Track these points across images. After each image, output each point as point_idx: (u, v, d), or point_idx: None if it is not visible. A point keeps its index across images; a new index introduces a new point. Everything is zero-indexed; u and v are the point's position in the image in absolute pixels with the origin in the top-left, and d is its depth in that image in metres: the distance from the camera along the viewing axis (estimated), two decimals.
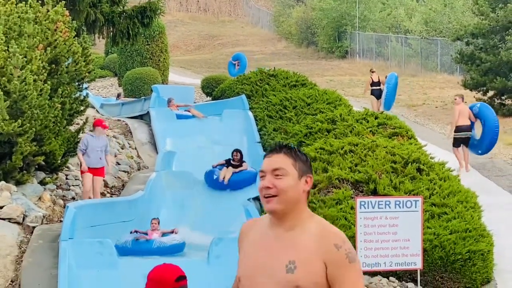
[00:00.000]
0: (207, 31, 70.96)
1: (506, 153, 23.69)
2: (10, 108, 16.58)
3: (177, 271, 5.35)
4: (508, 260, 15.34)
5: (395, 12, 57.33)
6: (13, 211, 15.61)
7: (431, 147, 20.27)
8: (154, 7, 24.82)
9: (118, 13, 24.43)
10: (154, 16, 25.57)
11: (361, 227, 13.13)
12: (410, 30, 54.17)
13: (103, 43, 46.10)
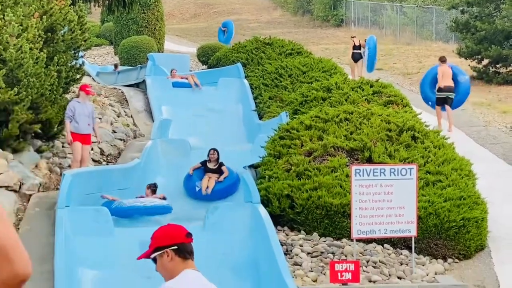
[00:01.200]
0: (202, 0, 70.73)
1: (501, 121, 23.70)
2: (6, 76, 16.54)
3: (185, 229, 5.29)
4: (502, 227, 15.38)
5: None
6: (9, 178, 15.61)
7: (426, 115, 20.27)
8: None
9: None
10: None
11: (356, 194, 13.14)
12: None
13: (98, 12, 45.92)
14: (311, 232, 14.43)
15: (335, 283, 12.12)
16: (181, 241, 5.19)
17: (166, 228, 5.28)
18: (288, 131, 16.14)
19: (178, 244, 5.18)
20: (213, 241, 13.53)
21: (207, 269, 12.88)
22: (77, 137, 16.79)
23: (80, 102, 17.00)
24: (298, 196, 14.56)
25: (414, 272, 13.25)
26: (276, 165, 15.37)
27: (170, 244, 5.17)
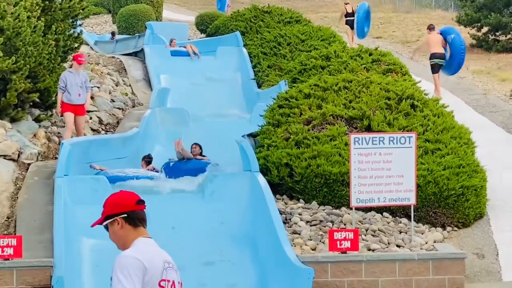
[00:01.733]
0: None
1: (500, 89, 23.67)
2: (4, 45, 16.50)
3: (136, 196, 5.29)
4: (501, 196, 15.39)
5: None
6: (8, 148, 15.60)
7: (425, 84, 20.23)
8: None
9: None
10: None
11: (355, 163, 13.13)
12: None
13: None
14: (310, 201, 14.43)
15: (334, 251, 12.14)
16: (132, 209, 5.21)
17: (117, 196, 5.27)
18: (287, 99, 16.11)
19: (128, 212, 5.19)
20: (211, 210, 13.54)
21: (205, 238, 12.94)
22: (70, 108, 16.57)
23: (73, 72, 16.76)
24: (297, 164, 14.56)
25: (413, 241, 13.27)
26: (275, 133, 15.35)
27: (120, 212, 5.18)
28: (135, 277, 5.00)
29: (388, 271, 12.13)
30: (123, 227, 5.17)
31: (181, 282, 5.50)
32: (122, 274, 4.98)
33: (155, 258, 5.18)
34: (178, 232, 13.10)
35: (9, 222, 13.59)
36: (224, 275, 12.21)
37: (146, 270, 5.07)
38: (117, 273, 4.99)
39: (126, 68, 25.09)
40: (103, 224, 5.23)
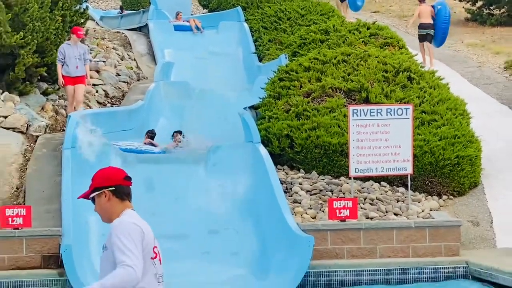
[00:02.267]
0: None
1: (494, 62, 23.59)
2: (12, 20, 16.47)
3: (124, 172, 5.40)
4: (495, 165, 15.38)
5: None
6: (17, 120, 15.61)
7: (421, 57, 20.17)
8: None
9: None
10: None
11: (354, 134, 13.13)
12: None
13: None
14: (310, 171, 14.44)
15: (334, 219, 12.16)
16: (119, 183, 5.29)
17: (106, 170, 5.40)
18: (287, 72, 16.07)
19: (116, 186, 5.26)
20: (215, 180, 13.56)
21: (210, 207, 12.94)
22: (69, 80, 16.33)
23: (71, 44, 16.45)
24: (297, 136, 14.55)
25: (410, 209, 13.29)
26: (275, 106, 15.33)
27: (108, 185, 5.25)
28: (137, 241, 5.05)
29: (386, 239, 12.15)
30: (110, 200, 5.23)
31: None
32: (126, 238, 5.01)
33: (147, 226, 5.23)
34: (183, 202, 13.12)
35: (18, 193, 13.61)
36: (227, 243, 12.24)
37: (144, 235, 5.13)
38: (120, 238, 5.01)
39: (131, 42, 25.04)
40: (90, 196, 5.32)
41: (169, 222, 12.52)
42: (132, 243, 5.04)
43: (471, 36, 28.81)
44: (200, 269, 11.64)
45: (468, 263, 11.92)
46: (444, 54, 25.21)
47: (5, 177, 13.96)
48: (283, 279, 11.41)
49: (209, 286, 11.28)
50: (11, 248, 11.51)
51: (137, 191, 13.79)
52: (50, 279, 11.24)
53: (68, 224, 11.66)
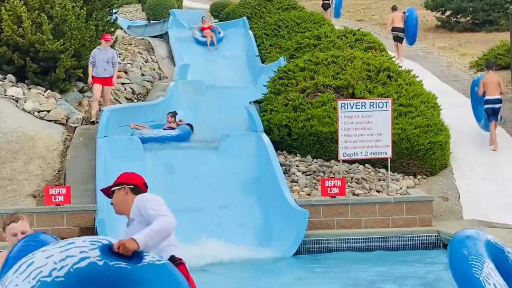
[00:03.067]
0: None
1: (460, 62, 23.53)
2: (54, 30, 16.46)
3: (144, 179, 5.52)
4: (461, 149, 15.37)
5: None
6: (58, 114, 15.61)
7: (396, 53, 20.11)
8: None
9: None
10: None
11: (342, 124, 13.13)
12: None
13: None
14: (305, 155, 14.43)
15: (325, 196, 12.16)
16: (138, 185, 5.38)
17: (130, 174, 5.52)
18: (285, 72, 16.04)
19: (135, 185, 5.35)
20: (225, 163, 13.56)
21: (221, 186, 12.94)
22: (97, 80, 16.08)
23: (101, 49, 16.21)
24: (294, 125, 14.54)
25: (390, 187, 13.29)
26: (276, 100, 15.30)
27: (129, 183, 5.36)
28: (163, 203, 5.10)
29: (369, 212, 12.16)
30: (127, 194, 5.32)
31: None
32: (154, 202, 5.07)
33: None
34: (199, 182, 13.12)
35: (59, 175, 13.62)
36: (235, 217, 12.25)
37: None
38: (149, 203, 5.06)
39: (153, 48, 25.00)
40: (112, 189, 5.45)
41: (187, 198, 12.53)
42: (160, 204, 5.09)
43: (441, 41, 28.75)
44: (213, 238, 11.64)
45: (439, 232, 11.92)
46: (418, 56, 25.17)
47: (48, 162, 13.97)
48: (283, 246, 11.42)
49: (220, 252, 11.28)
50: (54, 222, 11.53)
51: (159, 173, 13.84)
52: None
53: (101, 201, 11.66)
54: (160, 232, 4.92)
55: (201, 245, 11.32)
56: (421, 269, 10.67)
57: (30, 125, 14.96)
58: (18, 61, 16.46)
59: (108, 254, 4.46)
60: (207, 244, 11.41)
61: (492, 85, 15.54)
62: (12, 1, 16.18)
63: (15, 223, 5.45)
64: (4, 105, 15.38)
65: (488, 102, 15.46)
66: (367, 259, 11.33)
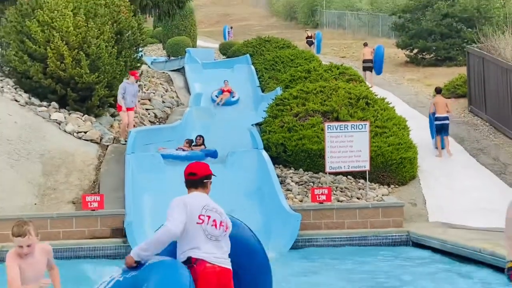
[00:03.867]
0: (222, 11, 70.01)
1: (426, 91, 23.58)
2: (90, 65, 16.52)
3: (189, 169, 5.52)
4: (427, 163, 15.37)
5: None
6: (93, 134, 15.64)
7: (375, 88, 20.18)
8: None
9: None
10: (186, 1, 25.26)
11: (329, 142, 13.14)
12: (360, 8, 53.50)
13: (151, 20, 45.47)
14: (298, 168, 14.43)
15: (315, 202, 12.17)
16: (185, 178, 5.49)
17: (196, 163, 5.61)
18: (281, 100, 16.07)
19: (185, 180, 5.50)
20: (231, 175, 13.56)
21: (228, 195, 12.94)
22: (125, 109, 15.82)
23: (129, 83, 15.96)
24: (289, 144, 14.55)
25: (368, 194, 13.28)
26: (273, 123, 15.33)
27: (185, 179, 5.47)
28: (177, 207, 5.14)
29: (351, 215, 12.15)
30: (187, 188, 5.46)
31: (225, 223, 5.42)
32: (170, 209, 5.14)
33: (195, 201, 5.29)
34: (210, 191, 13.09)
35: (94, 185, 13.62)
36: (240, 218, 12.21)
37: (186, 206, 5.18)
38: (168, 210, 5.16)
39: (172, 79, 25.05)
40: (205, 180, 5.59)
41: None
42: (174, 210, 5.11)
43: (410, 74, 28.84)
44: None
45: (409, 232, 11.91)
46: (391, 86, 25.24)
47: (85, 174, 13.98)
48: (280, 244, 11.41)
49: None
50: (90, 224, 11.54)
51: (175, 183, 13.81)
52: (117, 245, 11.27)
53: (129, 207, 11.68)
54: (154, 243, 5.05)
55: None
56: (393, 262, 10.69)
57: (70, 144, 14.99)
58: (60, 91, 16.51)
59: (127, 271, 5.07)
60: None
61: (441, 105, 16.08)
62: (56, 41, 16.25)
63: (22, 238, 5.02)
64: (49, 127, 15.42)
65: (438, 119, 16.02)
66: (349, 253, 11.33)
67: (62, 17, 16.49)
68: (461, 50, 29.48)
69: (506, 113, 17.38)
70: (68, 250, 11.07)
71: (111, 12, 17.81)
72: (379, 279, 9.65)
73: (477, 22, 30.85)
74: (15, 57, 16.70)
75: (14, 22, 17.06)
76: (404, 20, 33.84)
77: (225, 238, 5.27)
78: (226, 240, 5.26)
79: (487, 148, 16.54)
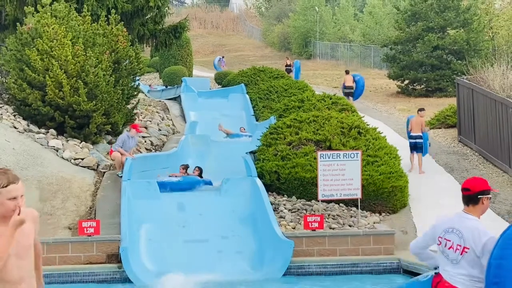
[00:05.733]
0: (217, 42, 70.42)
1: None
2: (88, 93, 16.58)
3: (465, 184, 5.14)
4: (418, 192, 15.39)
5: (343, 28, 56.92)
6: (90, 161, 15.65)
7: (367, 118, 20.27)
8: (183, 25, 24.72)
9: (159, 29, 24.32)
10: (183, 32, 25.42)
11: (321, 170, 13.17)
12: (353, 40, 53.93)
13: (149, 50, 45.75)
14: (291, 196, 14.44)
15: (307, 229, 12.16)
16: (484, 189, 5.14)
17: (473, 179, 5.21)
18: (275, 128, 16.14)
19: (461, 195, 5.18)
20: (226, 202, 13.56)
21: (222, 221, 12.93)
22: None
23: (130, 136, 15.57)
24: (282, 172, 14.58)
25: (360, 222, 13.28)
26: (267, 151, 15.37)
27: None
28: (426, 232, 5.38)
29: (343, 242, 12.14)
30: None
31: (465, 246, 5.03)
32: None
33: (445, 223, 5.19)
34: (204, 217, 13.11)
35: (91, 211, 13.61)
36: (234, 245, 12.23)
37: (434, 227, 5.26)
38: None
39: (168, 108, 25.16)
40: (480, 196, 5.11)
41: (195, 231, 12.53)
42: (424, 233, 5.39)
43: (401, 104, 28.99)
44: (216, 263, 11.61)
45: (400, 259, 11.90)
46: (382, 116, 25.35)
47: (82, 200, 13.97)
48: (272, 270, 11.39)
49: (222, 274, 11.25)
50: (86, 249, 11.50)
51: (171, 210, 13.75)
52: (112, 270, 11.22)
53: (125, 233, 11.66)
54: None
55: (207, 268, 11.30)
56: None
57: (67, 170, 15.00)
58: (58, 118, 16.56)
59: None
60: (211, 268, 11.39)
61: (416, 125, 17.21)
62: (54, 70, 16.34)
63: (16, 184, 3.82)
64: (47, 154, 15.44)
65: (412, 137, 17.18)
66: (340, 281, 11.31)
67: (61, 46, 16.60)
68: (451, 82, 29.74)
69: (495, 143, 17.49)
70: (64, 276, 11.03)
71: (109, 42, 17.94)
72: None
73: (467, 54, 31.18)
74: (14, 84, 16.78)
75: (14, 50, 17.17)
76: (395, 52, 34.15)
77: (465, 260, 5.04)
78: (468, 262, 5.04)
79: None
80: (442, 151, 19.31)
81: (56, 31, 16.86)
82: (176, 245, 11.79)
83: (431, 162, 18.09)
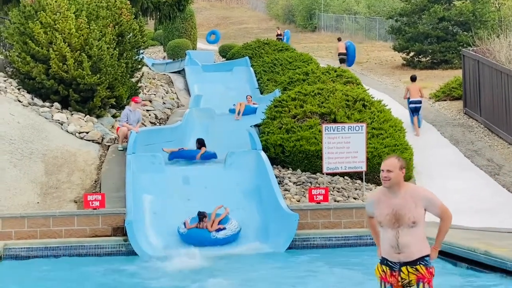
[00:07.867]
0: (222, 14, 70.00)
1: None
2: (92, 66, 16.55)
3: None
4: (422, 164, 15.41)
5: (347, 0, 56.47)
6: (95, 135, 15.66)
7: (372, 91, 20.20)
8: None
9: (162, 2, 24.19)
10: (187, 4, 25.29)
11: (326, 143, 13.15)
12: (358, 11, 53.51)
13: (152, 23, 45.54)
14: (296, 169, 14.45)
15: (312, 202, 12.17)
16: None
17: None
18: (280, 102, 16.10)
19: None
20: (230, 175, 13.58)
21: (227, 194, 12.95)
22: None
23: (132, 110, 15.44)
24: (287, 145, 14.57)
25: (364, 195, 13.29)
26: (272, 124, 15.35)
27: None
28: None
29: (348, 215, 12.16)
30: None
31: None
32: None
33: None
34: (209, 191, 13.14)
35: (96, 185, 13.65)
36: (239, 218, 12.25)
37: None
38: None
39: (173, 81, 25.09)
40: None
41: (200, 204, 12.53)
42: None
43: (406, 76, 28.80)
44: None
45: None
46: (387, 89, 25.25)
47: (87, 174, 14.00)
48: (277, 242, 11.43)
49: (228, 247, 11.30)
50: (91, 222, 11.55)
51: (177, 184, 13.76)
52: (118, 243, 11.27)
53: (130, 206, 11.69)
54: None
55: None
56: None
57: (72, 144, 15.02)
58: (63, 92, 16.54)
59: None
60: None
61: (415, 90, 18.38)
62: (58, 43, 16.27)
63: None
64: (51, 128, 15.45)
65: (412, 102, 18.32)
66: (345, 252, 11.35)
67: (65, 19, 16.52)
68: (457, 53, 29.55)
69: (501, 115, 17.42)
70: (69, 248, 11.08)
71: (113, 15, 17.84)
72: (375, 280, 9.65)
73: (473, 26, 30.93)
74: (18, 58, 16.74)
75: (17, 23, 17.09)
76: (401, 24, 33.89)
77: None
78: None
79: (482, 149, 16.58)
80: (447, 123, 19.25)
81: (59, 3, 16.76)
82: (181, 218, 11.81)
83: (436, 134, 18.05)
